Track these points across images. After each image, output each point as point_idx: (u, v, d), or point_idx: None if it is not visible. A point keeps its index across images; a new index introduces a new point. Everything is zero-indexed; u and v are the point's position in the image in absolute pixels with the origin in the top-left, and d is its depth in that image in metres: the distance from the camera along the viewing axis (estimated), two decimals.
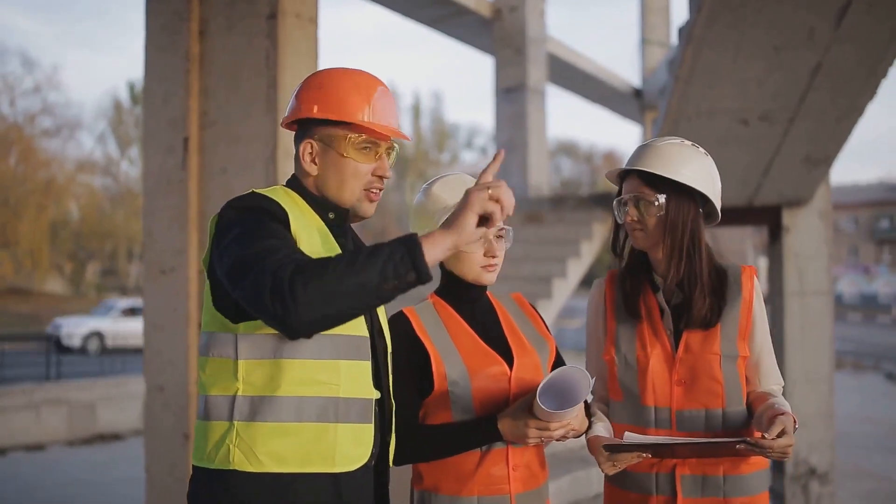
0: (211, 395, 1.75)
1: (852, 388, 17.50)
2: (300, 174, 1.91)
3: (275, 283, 1.50)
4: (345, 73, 1.89)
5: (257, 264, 1.55)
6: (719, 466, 2.13)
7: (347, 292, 1.51)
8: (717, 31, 5.36)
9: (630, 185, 2.21)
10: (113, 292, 40.10)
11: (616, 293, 2.28)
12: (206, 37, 4.63)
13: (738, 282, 2.19)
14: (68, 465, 9.69)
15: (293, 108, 1.90)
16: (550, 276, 8.29)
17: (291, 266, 1.52)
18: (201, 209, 4.61)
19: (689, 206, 2.16)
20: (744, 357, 2.16)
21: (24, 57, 50.87)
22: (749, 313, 2.17)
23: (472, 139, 54.85)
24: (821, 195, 7.86)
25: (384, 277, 1.52)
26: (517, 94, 10.90)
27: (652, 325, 2.20)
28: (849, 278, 54.76)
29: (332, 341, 1.74)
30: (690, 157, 2.17)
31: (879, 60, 5.56)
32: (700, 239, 2.18)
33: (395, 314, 2.15)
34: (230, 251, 1.64)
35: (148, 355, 4.77)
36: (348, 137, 1.84)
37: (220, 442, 1.71)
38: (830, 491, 7.91)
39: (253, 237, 1.63)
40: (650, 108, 15.27)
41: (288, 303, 1.49)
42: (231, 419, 1.71)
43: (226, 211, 1.76)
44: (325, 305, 1.51)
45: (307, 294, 1.49)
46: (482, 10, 10.88)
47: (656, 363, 2.17)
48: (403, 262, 1.53)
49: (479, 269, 2.12)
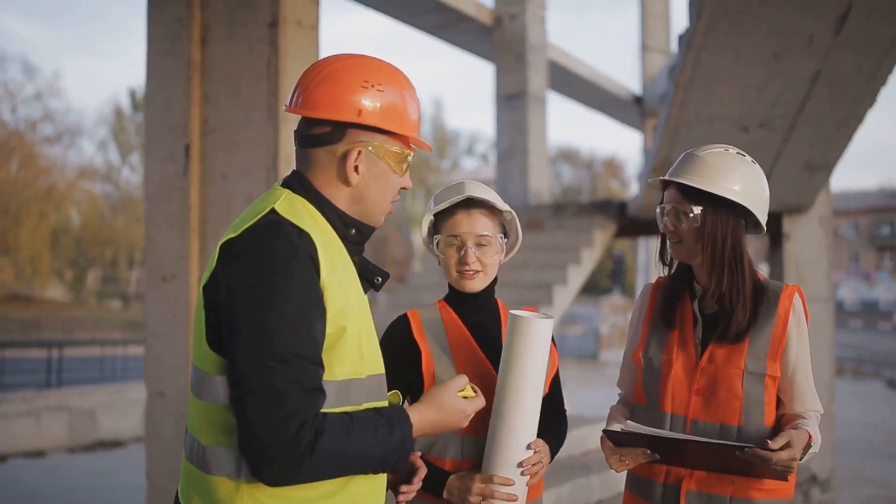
0: (209, 445, 1.55)
1: (853, 395, 17.48)
2: (323, 182, 1.65)
3: (288, 448, 1.43)
4: (396, 74, 1.68)
5: (274, 408, 1.43)
6: (728, 487, 2.08)
7: (343, 469, 1.53)
8: (716, 37, 5.37)
9: (670, 195, 2.19)
10: (114, 299, 40.13)
11: (658, 300, 2.28)
12: (208, 44, 4.65)
13: (777, 299, 2.13)
14: (69, 471, 9.67)
15: (338, 104, 1.62)
16: (551, 283, 8.29)
17: (311, 435, 1.44)
18: (202, 215, 4.62)
19: (727, 217, 2.11)
20: (772, 377, 2.10)
21: (25, 64, 51.18)
22: (783, 332, 2.11)
23: (473, 146, 55.00)
24: (821, 202, 7.86)
25: (375, 464, 1.56)
26: (518, 100, 10.91)
27: (682, 334, 2.19)
28: (850, 285, 54.68)
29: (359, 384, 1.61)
30: (733, 167, 2.12)
31: (879, 67, 5.57)
32: (742, 251, 2.13)
33: (399, 316, 2.18)
34: (249, 352, 1.46)
35: (148, 361, 4.78)
36: (401, 153, 1.68)
37: (227, 499, 1.54)
38: (831, 497, 7.89)
39: (278, 347, 1.45)
40: (651, 114, 15.28)
41: (289, 471, 1.44)
42: (238, 476, 1.52)
43: (253, 253, 1.51)
44: (317, 477, 1.50)
45: (310, 470, 1.46)
46: (483, 18, 10.90)
47: (678, 370, 2.15)
48: (396, 457, 1.59)
49: (456, 274, 2.14)
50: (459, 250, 2.12)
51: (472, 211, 2.14)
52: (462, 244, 2.12)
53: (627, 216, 9.00)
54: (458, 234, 2.12)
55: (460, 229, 2.12)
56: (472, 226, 2.12)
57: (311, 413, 1.45)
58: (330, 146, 1.64)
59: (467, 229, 2.12)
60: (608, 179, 55.93)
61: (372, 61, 1.68)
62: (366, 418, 1.54)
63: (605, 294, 39.46)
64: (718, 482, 2.09)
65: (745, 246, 2.15)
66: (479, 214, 2.14)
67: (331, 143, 1.63)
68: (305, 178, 1.66)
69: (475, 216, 2.13)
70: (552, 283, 8.30)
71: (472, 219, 2.13)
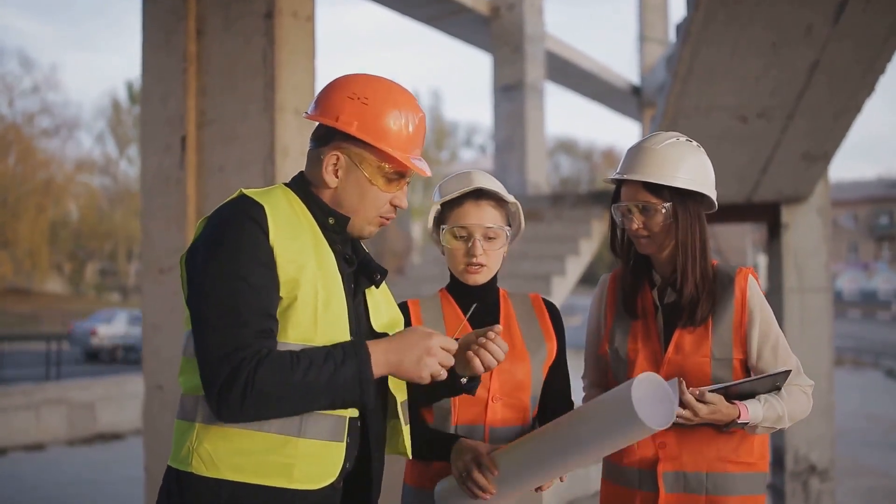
0: (184, 394, 1.71)
1: (852, 385, 17.52)
2: (314, 179, 1.79)
3: (229, 380, 1.54)
4: (391, 92, 1.77)
5: (220, 346, 1.57)
6: (703, 463, 2.11)
7: (291, 403, 1.59)
8: (714, 28, 5.35)
9: (630, 191, 2.17)
10: (112, 292, 40.14)
11: (617, 291, 2.29)
12: (204, 36, 4.63)
13: (732, 283, 2.16)
14: (68, 464, 9.69)
15: (326, 109, 1.75)
16: (549, 274, 8.29)
17: (252, 365, 1.55)
18: (199, 208, 4.61)
19: (694, 208, 2.13)
20: (739, 359, 2.13)
21: (23, 57, 50.78)
22: (743, 314, 2.13)
23: (471, 137, 55.01)
24: (819, 192, 7.86)
25: (331, 398, 1.62)
26: (516, 91, 10.89)
27: (645, 323, 2.20)
28: (848, 275, 54.74)
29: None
30: (685, 156, 2.13)
31: (877, 57, 5.55)
32: (707, 239, 2.16)
33: (399, 304, 2.14)
34: (202, 299, 1.62)
35: (146, 355, 4.77)
36: (380, 166, 1.75)
37: (181, 441, 1.66)
38: (830, 487, 7.91)
39: (226, 294, 1.60)
40: (649, 105, 15.27)
41: (232, 403, 1.55)
42: (194, 420, 1.65)
43: (212, 221, 1.69)
44: (266, 410, 1.58)
45: (254, 401, 1.55)
46: (480, 8, 10.88)
47: (644, 360, 2.17)
48: (352, 390, 1.63)
49: (462, 267, 2.12)
50: (467, 242, 2.10)
51: (481, 202, 2.11)
52: (470, 236, 2.10)
53: None
54: (467, 225, 2.09)
55: (469, 220, 2.10)
56: (480, 217, 2.10)
57: (250, 350, 1.57)
58: (320, 147, 1.78)
59: (476, 221, 2.09)
60: (606, 170, 55.93)
61: (373, 79, 1.78)
62: (313, 353, 1.62)
63: None
64: (692, 460, 2.11)
65: (708, 232, 2.17)
66: (487, 206, 2.11)
67: (320, 145, 1.78)
68: (303, 174, 1.82)
69: (484, 207, 2.11)
70: (550, 274, 8.30)
71: (480, 210, 2.10)
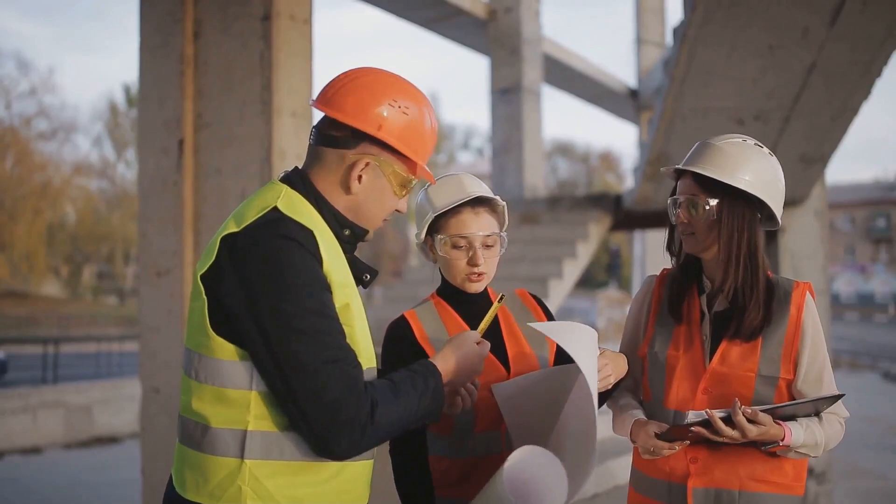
0: (217, 427, 1.58)
1: (849, 388, 17.41)
2: (326, 182, 1.70)
3: (369, 414, 1.54)
4: (423, 102, 1.74)
5: (336, 386, 1.52)
6: (735, 482, 2.01)
7: (397, 430, 1.64)
8: (711, 30, 5.36)
9: (684, 186, 2.09)
10: (109, 295, 40.09)
11: (663, 293, 2.19)
12: (200, 38, 4.63)
13: (789, 298, 2.05)
14: (65, 467, 9.66)
15: (361, 113, 1.66)
16: (546, 277, 8.29)
17: (366, 410, 1.54)
18: (196, 211, 4.60)
19: (743, 211, 2.03)
20: (785, 379, 2.02)
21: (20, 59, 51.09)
22: (796, 333, 2.03)
23: (469, 140, 55.21)
24: (816, 194, 7.86)
25: (419, 420, 1.67)
26: (513, 94, 10.90)
27: (689, 330, 2.10)
28: (845, 277, 54.78)
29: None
30: (750, 158, 2.03)
31: (874, 59, 5.56)
32: (757, 246, 2.04)
33: (398, 319, 2.12)
34: (290, 343, 1.52)
35: (143, 357, 4.77)
36: (406, 176, 1.73)
37: (227, 480, 1.57)
38: (828, 489, 7.91)
39: (316, 332, 1.53)
40: (646, 107, 15.28)
41: (356, 439, 1.54)
42: (240, 456, 1.56)
43: (259, 252, 1.55)
44: (377, 442, 1.62)
45: (374, 434, 1.57)
46: (477, 11, 10.89)
47: (685, 367, 2.08)
48: (435, 412, 1.69)
49: (464, 276, 2.09)
50: (467, 251, 2.07)
51: (479, 209, 2.08)
52: (470, 245, 2.06)
53: (623, 210, 8.98)
54: (467, 235, 2.06)
55: (469, 230, 2.06)
56: (479, 226, 2.07)
57: (359, 387, 1.54)
58: (342, 150, 1.68)
59: (476, 230, 2.06)
60: (604, 173, 55.98)
61: (406, 84, 1.73)
62: (404, 378, 1.64)
63: (601, 288, 39.51)
64: (725, 477, 2.02)
65: (761, 241, 2.06)
66: (484, 213, 2.09)
67: (344, 148, 1.68)
68: (307, 176, 1.71)
69: (482, 215, 2.08)
70: (548, 276, 8.30)
71: (479, 218, 2.07)
